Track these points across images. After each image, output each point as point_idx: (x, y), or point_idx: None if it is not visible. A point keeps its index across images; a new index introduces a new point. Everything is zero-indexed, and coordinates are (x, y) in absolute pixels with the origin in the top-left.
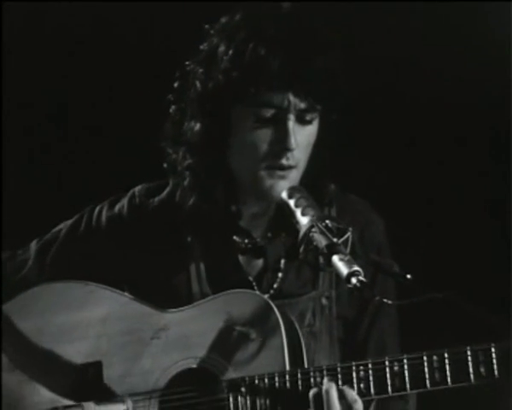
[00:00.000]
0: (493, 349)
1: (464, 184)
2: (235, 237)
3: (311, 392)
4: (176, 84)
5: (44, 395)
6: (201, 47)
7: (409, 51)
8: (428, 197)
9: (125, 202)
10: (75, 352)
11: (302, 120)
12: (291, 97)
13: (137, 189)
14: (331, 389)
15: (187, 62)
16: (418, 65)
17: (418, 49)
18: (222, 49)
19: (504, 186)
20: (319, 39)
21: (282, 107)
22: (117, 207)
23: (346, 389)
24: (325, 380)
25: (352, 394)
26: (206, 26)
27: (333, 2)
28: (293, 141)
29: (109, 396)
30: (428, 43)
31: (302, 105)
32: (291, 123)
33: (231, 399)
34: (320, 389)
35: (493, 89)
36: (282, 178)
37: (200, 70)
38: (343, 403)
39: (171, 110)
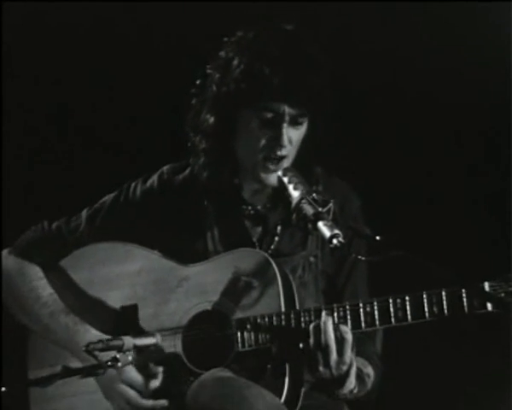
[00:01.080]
0: (444, 293)
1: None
2: (242, 206)
3: (312, 325)
4: (198, 82)
5: (94, 333)
6: (220, 53)
7: (408, 51)
8: (396, 178)
9: (155, 178)
10: (117, 297)
11: (294, 123)
12: (286, 106)
13: (165, 168)
14: (328, 321)
15: (208, 66)
16: (418, 64)
17: (418, 49)
18: (235, 62)
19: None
20: (311, 62)
21: (278, 113)
22: (149, 183)
23: (340, 324)
24: (323, 314)
25: (345, 327)
26: (225, 39)
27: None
28: (285, 139)
29: (143, 332)
30: (428, 43)
31: (294, 112)
32: (285, 125)
33: (239, 334)
34: (319, 323)
35: (493, 89)
36: (276, 164)
37: (217, 75)
38: (337, 335)
39: (193, 101)
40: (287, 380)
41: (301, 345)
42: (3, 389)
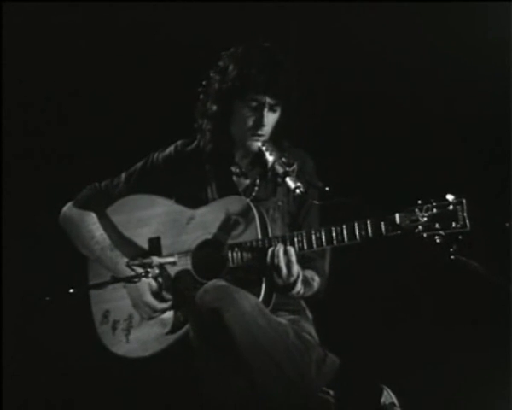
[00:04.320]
0: (368, 222)
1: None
2: (231, 168)
3: (269, 250)
4: (204, 83)
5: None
6: (219, 63)
7: (408, 50)
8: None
9: (172, 148)
10: (146, 232)
11: (271, 110)
12: (267, 98)
13: (179, 142)
14: (280, 248)
15: (211, 71)
16: (417, 64)
17: (417, 49)
18: (230, 68)
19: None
20: (283, 67)
21: (261, 102)
22: (167, 151)
23: (288, 247)
24: (278, 244)
25: (291, 251)
26: (223, 53)
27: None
28: (265, 120)
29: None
30: (428, 43)
31: (272, 102)
32: (265, 111)
33: (230, 255)
34: (274, 251)
35: (493, 89)
36: (257, 140)
37: (218, 77)
38: (285, 258)
39: (200, 96)
40: (263, 286)
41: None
42: (72, 290)
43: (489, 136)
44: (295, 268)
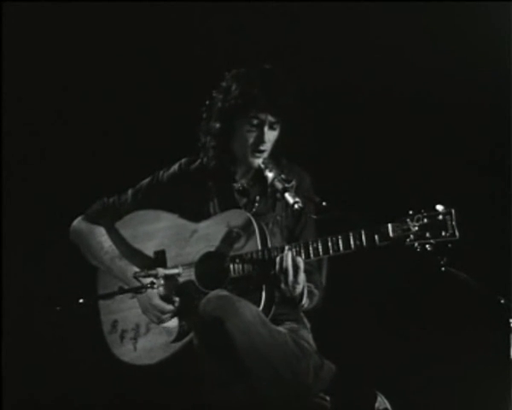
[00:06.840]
0: (363, 232)
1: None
2: (233, 185)
3: (278, 257)
4: (207, 102)
5: (138, 270)
6: (221, 84)
7: (408, 50)
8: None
9: (176, 166)
10: (152, 245)
11: (271, 128)
12: (268, 116)
13: (183, 160)
14: (288, 254)
15: (213, 91)
16: (418, 64)
17: (418, 49)
18: (233, 87)
19: None
20: (283, 87)
21: (262, 119)
22: (172, 170)
23: (296, 256)
24: (286, 248)
25: (299, 258)
26: (226, 73)
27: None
28: (266, 138)
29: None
30: (428, 43)
31: (272, 119)
32: (266, 129)
33: (231, 266)
34: (282, 255)
35: (493, 89)
36: (259, 156)
37: (221, 96)
38: (293, 263)
39: (203, 115)
40: (263, 295)
41: (272, 272)
42: (81, 300)
43: (487, 143)
44: (302, 276)
